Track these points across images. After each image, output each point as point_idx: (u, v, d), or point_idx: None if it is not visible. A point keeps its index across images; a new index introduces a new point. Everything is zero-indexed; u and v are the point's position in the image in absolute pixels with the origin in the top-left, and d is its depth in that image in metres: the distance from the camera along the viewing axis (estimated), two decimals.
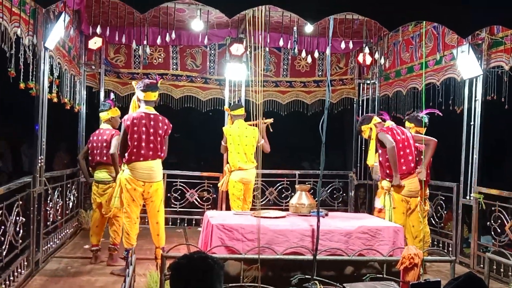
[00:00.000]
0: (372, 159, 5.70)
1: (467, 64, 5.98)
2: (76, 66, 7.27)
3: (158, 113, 5.24)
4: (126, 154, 5.12)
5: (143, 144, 5.08)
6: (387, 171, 5.37)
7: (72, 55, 6.85)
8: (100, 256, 5.76)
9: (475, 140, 6.06)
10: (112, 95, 6.23)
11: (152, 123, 5.14)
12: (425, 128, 5.91)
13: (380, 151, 5.48)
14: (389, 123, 5.57)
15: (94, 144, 5.80)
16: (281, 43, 7.47)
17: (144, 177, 5.11)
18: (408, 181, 5.34)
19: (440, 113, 6.13)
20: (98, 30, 6.62)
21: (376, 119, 5.71)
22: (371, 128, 5.68)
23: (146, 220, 8.07)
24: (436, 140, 5.54)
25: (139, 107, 5.36)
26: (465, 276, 2.13)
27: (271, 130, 6.58)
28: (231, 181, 6.43)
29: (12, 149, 10.32)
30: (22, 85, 4.78)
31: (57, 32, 5.31)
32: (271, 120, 6.59)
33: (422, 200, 5.71)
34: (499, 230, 5.70)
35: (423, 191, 5.44)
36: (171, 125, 5.30)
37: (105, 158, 5.70)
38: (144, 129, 5.09)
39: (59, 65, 5.97)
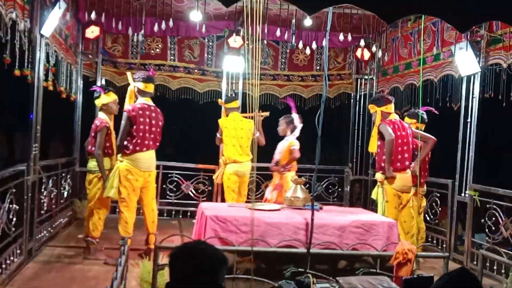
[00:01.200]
0: (374, 146, 5.61)
1: (465, 61, 5.96)
2: (73, 54, 7.22)
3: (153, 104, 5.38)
4: (129, 145, 5.19)
5: (147, 134, 5.26)
6: (382, 164, 5.37)
7: (69, 44, 6.80)
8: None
9: (472, 137, 6.06)
10: (101, 81, 5.98)
11: (153, 114, 5.33)
12: (425, 125, 5.90)
13: (379, 143, 5.45)
14: (394, 116, 5.53)
15: (89, 133, 5.64)
16: (278, 34, 7.42)
17: (145, 167, 5.31)
18: (400, 176, 5.34)
19: (436, 111, 6.12)
20: (93, 16, 6.58)
21: (387, 107, 5.51)
22: (376, 111, 5.55)
23: (141, 210, 8.13)
24: (435, 138, 5.53)
25: (136, 97, 5.37)
26: (458, 271, 2.12)
27: (265, 118, 6.56)
28: (226, 174, 6.42)
29: (7, 138, 10.27)
30: (17, 72, 4.74)
31: (54, 19, 5.27)
32: (267, 113, 6.57)
33: (418, 195, 5.71)
34: (493, 228, 5.70)
35: (418, 187, 5.43)
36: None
37: (92, 149, 5.50)
38: (148, 120, 5.26)
39: (56, 53, 5.93)
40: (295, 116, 6.60)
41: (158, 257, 3.98)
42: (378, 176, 5.41)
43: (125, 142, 5.23)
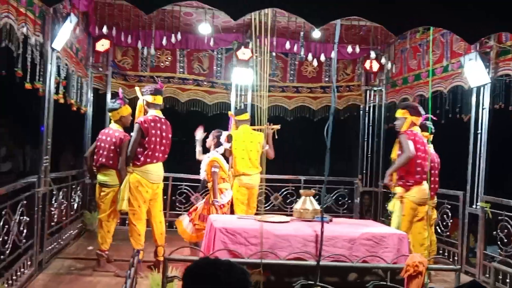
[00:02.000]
0: (395, 153, 5.56)
1: (474, 72, 5.94)
2: (84, 67, 7.30)
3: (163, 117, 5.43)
4: (141, 156, 5.23)
5: (158, 146, 5.31)
6: (402, 175, 5.35)
7: (79, 57, 6.88)
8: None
9: (482, 148, 6.01)
10: (121, 91, 5.88)
11: (164, 126, 5.38)
12: (432, 135, 5.86)
13: (399, 152, 5.40)
14: (417, 129, 5.47)
15: (102, 144, 5.60)
16: (287, 46, 7.46)
17: (155, 178, 5.35)
18: (418, 188, 5.30)
19: (435, 118, 5.98)
20: (105, 30, 6.65)
21: (418, 119, 5.45)
22: (406, 118, 5.42)
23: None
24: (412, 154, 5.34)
25: (145, 111, 5.42)
26: (470, 284, 2.09)
27: (276, 137, 6.57)
28: (235, 186, 6.42)
29: (19, 150, 10.37)
30: (28, 85, 4.80)
31: (65, 33, 5.34)
32: (278, 126, 6.57)
33: (429, 207, 5.66)
34: (505, 240, 5.64)
35: (429, 198, 5.39)
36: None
37: (110, 162, 5.54)
38: (159, 132, 5.31)
39: (66, 66, 6.00)
40: (224, 132, 6.41)
41: (167, 269, 3.98)
42: (399, 190, 5.37)
43: (137, 154, 5.25)
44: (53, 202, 5.97)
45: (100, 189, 5.68)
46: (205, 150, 6.39)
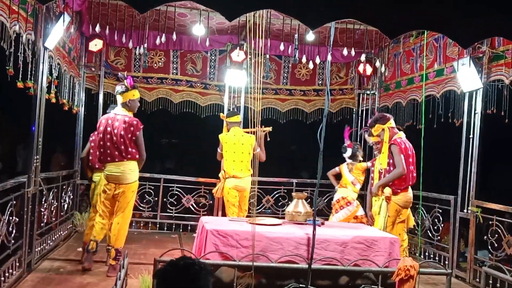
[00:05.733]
0: (385, 163, 5.60)
1: (467, 77, 5.97)
2: (76, 67, 7.25)
3: (126, 114, 5.33)
4: (100, 155, 5.37)
5: (108, 144, 5.25)
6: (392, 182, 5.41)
7: (72, 56, 6.83)
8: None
9: (474, 153, 6.04)
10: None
11: (116, 123, 5.27)
12: None
13: (390, 161, 5.43)
14: (401, 135, 5.54)
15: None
16: (281, 47, 7.47)
17: (112, 178, 5.28)
18: (404, 193, 5.40)
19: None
20: (97, 29, 6.60)
21: (391, 123, 5.58)
22: (383, 129, 5.55)
23: (142, 224, 8.10)
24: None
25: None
26: None
27: (268, 139, 6.56)
28: (226, 188, 6.40)
29: (10, 149, 10.28)
30: (20, 84, 4.75)
31: (57, 33, 5.29)
32: (270, 129, 6.57)
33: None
34: (496, 245, 5.66)
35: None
36: (140, 126, 5.31)
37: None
38: (109, 129, 5.26)
39: (59, 66, 5.95)
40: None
41: None
42: (387, 191, 5.40)
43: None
44: (43, 202, 5.92)
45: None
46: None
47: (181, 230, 7.96)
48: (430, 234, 6.84)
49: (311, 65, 7.54)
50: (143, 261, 5.54)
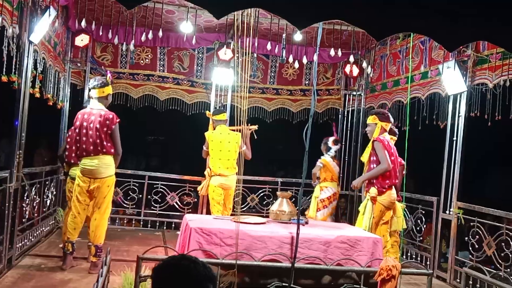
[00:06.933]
0: (366, 157, 5.66)
1: (452, 80, 6.03)
2: (61, 62, 7.18)
3: (102, 108, 5.31)
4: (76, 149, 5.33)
5: (84, 138, 5.21)
6: (373, 180, 5.46)
7: (57, 51, 6.76)
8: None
9: (457, 155, 6.11)
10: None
11: (92, 118, 5.23)
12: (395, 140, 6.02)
13: (373, 158, 5.48)
14: (386, 135, 5.61)
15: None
16: (269, 47, 7.48)
17: (86, 172, 5.23)
18: (388, 192, 5.46)
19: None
20: (83, 24, 6.54)
21: (387, 125, 5.63)
22: (376, 124, 5.60)
23: (125, 221, 8.06)
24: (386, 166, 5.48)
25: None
26: None
27: (255, 137, 6.56)
28: (211, 186, 6.39)
29: None
30: (4, 78, 4.70)
31: (43, 27, 5.23)
32: (255, 127, 6.57)
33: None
34: (476, 246, 5.73)
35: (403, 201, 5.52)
36: (116, 120, 5.25)
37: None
38: (85, 123, 5.22)
39: (44, 60, 5.88)
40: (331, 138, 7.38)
41: (141, 269, 3.93)
42: (373, 191, 5.44)
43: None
44: (25, 198, 5.85)
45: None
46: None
47: (165, 227, 7.94)
48: (412, 235, 6.91)
49: (296, 65, 7.57)
50: (126, 258, 5.50)
